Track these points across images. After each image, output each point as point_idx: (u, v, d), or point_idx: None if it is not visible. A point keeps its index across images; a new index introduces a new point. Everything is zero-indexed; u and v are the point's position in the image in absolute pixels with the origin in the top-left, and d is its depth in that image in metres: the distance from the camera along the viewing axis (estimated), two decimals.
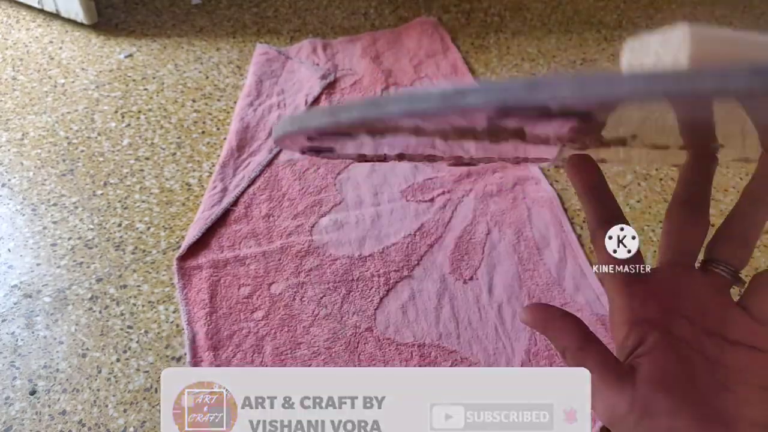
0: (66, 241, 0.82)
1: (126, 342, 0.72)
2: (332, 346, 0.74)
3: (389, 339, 0.75)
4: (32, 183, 0.90)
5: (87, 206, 0.87)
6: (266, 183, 0.93)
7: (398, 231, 0.88)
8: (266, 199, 0.90)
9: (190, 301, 0.76)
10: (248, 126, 1.02)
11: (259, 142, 0.99)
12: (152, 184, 0.91)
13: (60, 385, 0.68)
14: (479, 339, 0.76)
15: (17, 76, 1.09)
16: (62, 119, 1.01)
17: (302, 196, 0.91)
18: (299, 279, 0.80)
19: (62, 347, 0.71)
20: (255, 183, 0.92)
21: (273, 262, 0.81)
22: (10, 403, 0.66)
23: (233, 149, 0.97)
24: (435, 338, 0.76)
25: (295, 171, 0.95)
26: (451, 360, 0.74)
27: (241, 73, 1.15)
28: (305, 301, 0.78)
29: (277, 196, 0.91)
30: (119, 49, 1.18)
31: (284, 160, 0.97)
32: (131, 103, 1.05)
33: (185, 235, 0.84)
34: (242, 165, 0.95)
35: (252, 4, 1.34)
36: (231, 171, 0.94)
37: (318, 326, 0.75)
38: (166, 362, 0.71)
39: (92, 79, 1.10)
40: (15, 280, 0.77)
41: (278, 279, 0.80)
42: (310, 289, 0.79)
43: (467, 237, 0.88)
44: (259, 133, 1.01)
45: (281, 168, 0.95)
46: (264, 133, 1.01)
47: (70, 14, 1.20)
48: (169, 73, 1.13)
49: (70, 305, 0.75)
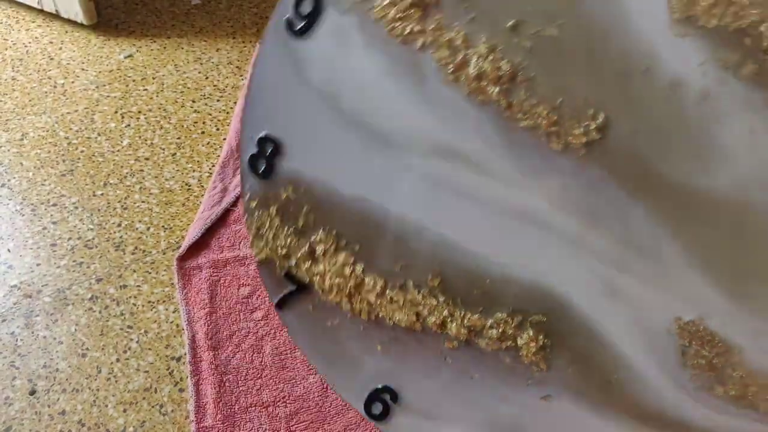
0: (66, 241, 0.82)
1: (126, 342, 0.72)
2: None
3: None
4: (32, 183, 0.90)
5: (87, 206, 0.87)
6: None
7: None
8: None
9: (190, 301, 0.76)
10: None
11: None
12: (152, 184, 0.92)
13: (60, 385, 0.68)
14: None
15: (17, 76, 1.09)
16: (62, 119, 1.01)
17: None
18: None
19: (62, 347, 0.71)
20: None
21: None
22: (10, 403, 0.66)
23: (233, 149, 0.97)
24: None
25: None
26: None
27: (241, 73, 1.15)
28: None
29: None
30: (119, 49, 1.18)
31: None
32: (131, 103, 1.05)
33: (185, 235, 0.84)
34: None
35: (252, 4, 1.34)
36: (231, 171, 0.94)
37: None
38: (166, 362, 0.71)
39: (92, 79, 1.10)
40: (15, 280, 0.77)
41: None
42: None
43: None
44: None
45: None
46: None
47: (70, 14, 1.20)
48: (169, 73, 1.13)
49: (70, 305, 0.75)
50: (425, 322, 0.44)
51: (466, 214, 0.42)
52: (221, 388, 0.68)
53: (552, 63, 0.39)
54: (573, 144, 0.39)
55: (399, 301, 0.44)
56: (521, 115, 0.40)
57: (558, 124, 0.39)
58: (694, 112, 0.36)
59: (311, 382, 0.70)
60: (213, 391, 0.68)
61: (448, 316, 0.43)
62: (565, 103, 0.39)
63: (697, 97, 0.36)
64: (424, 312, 0.44)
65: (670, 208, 0.38)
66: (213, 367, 0.70)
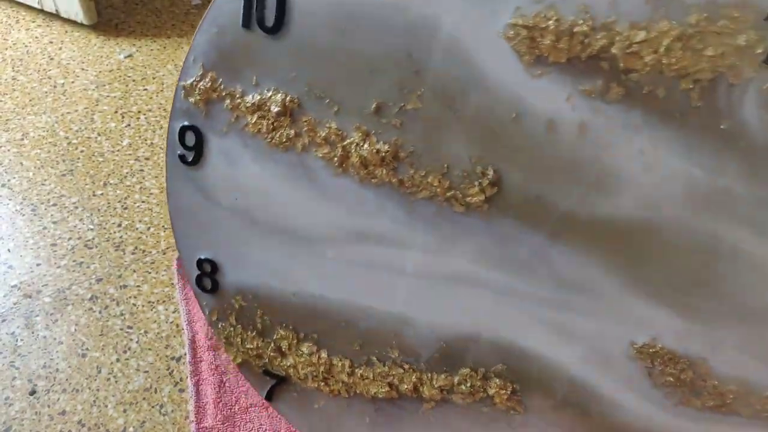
0: (66, 241, 0.82)
1: (126, 342, 0.72)
2: None
3: None
4: (32, 183, 0.90)
5: (87, 206, 0.87)
6: None
7: None
8: None
9: (189, 301, 0.76)
10: None
11: None
12: (152, 184, 0.92)
13: (60, 385, 0.68)
14: None
15: (17, 76, 1.09)
16: (62, 119, 1.01)
17: None
18: None
19: (62, 347, 0.71)
20: None
21: None
22: (10, 403, 0.66)
23: None
24: None
25: None
26: None
27: None
28: None
29: None
30: (119, 49, 1.18)
31: None
32: (131, 103, 1.05)
33: None
34: None
35: None
36: None
37: None
38: (166, 362, 0.71)
39: (92, 79, 1.10)
40: (15, 280, 0.77)
41: None
42: None
43: None
44: None
45: None
46: None
47: (70, 14, 1.20)
48: (169, 73, 1.13)
49: (70, 305, 0.75)
50: (399, 390, 0.46)
51: (402, 287, 0.44)
52: (221, 388, 0.68)
53: (426, 133, 0.40)
54: (474, 203, 0.40)
55: (369, 376, 0.47)
56: (415, 188, 0.41)
57: (452, 188, 0.40)
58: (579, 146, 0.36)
59: None
60: (213, 392, 0.68)
61: (417, 382, 0.46)
62: (452, 167, 0.40)
63: (575, 131, 0.36)
64: (395, 381, 0.46)
65: (589, 240, 0.38)
66: (213, 367, 0.70)
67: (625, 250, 0.37)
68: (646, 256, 0.37)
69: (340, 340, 0.48)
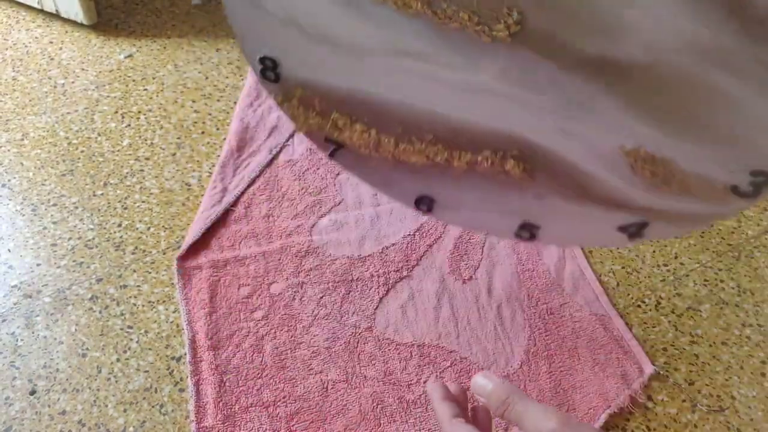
0: (66, 241, 0.82)
1: (126, 342, 0.72)
2: (332, 346, 0.74)
3: (388, 339, 0.75)
4: (32, 183, 0.90)
5: (87, 206, 0.87)
6: (266, 183, 0.93)
7: (397, 231, 0.88)
8: (266, 199, 0.90)
9: (190, 301, 0.76)
10: (248, 126, 1.02)
11: (259, 142, 0.99)
12: (152, 184, 0.92)
13: (60, 385, 0.68)
14: (478, 339, 0.76)
15: (17, 76, 1.09)
16: (62, 119, 1.01)
17: (302, 196, 0.91)
18: (299, 279, 0.80)
19: (62, 347, 0.71)
20: (255, 183, 0.92)
21: (273, 262, 0.82)
22: (10, 403, 0.66)
23: (233, 149, 0.97)
24: (434, 338, 0.76)
25: (295, 171, 0.95)
26: (450, 360, 0.74)
27: (241, 73, 1.15)
28: (305, 301, 0.78)
29: (277, 196, 0.91)
30: (119, 49, 1.18)
31: (284, 161, 0.97)
32: (131, 103, 1.06)
33: (185, 235, 0.84)
34: (242, 165, 0.95)
35: None
36: (231, 171, 0.94)
37: (318, 326, 0.75)
38: (166, 362, 0.71)
39: (92, 79, 1.10)
40: (15, 280, 0.77)
41: (278, 279, 0.80)
42: (310, 289, 0.79)
43: (466, 237, 0.88)
44: (258, 133, 1.01)
45: (281, 168, 0.96)
46: (264, 134, 1.01)
47: (70, 14, 1.20)
48: (169, 73, 1.13)
49: (70, 305, 0.75)
50: (435, 161, 0.58)
51: (436, 92, 0.53)
52: (221, 388, 0.68)
53: None
54: (499, 36, 0.48)
55: (410, 150, 0.58)
56: (448, 20, 0.49)
57: (480, 23, 0.48)
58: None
59: (311, 382, 0.70)
60: (213, 391, 0.68)
61: (449, 156, 0.57)
62: (481, 5, 0.47)
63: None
64: (432, 155, 0.57)
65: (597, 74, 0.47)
66: (213, 367, 0.70)
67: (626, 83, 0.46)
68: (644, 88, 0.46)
69: (387, 124, 0.58)
